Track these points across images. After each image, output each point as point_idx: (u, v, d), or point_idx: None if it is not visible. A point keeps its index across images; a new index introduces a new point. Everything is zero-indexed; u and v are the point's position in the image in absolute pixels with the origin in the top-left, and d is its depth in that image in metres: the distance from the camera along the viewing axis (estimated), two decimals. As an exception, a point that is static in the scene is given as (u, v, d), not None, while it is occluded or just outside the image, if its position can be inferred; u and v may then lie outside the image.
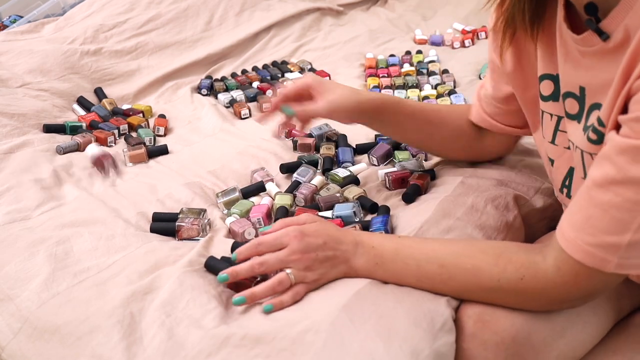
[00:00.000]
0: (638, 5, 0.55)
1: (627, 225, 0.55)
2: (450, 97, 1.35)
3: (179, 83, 1.53)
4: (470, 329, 0.66)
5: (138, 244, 0.83)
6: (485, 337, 0.65)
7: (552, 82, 0.72)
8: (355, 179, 1.02)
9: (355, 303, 0.66)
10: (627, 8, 0.56)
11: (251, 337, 0.64)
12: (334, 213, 0.91)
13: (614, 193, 0.56)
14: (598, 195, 0.57)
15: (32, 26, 1.65)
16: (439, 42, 1.76)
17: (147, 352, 0.66)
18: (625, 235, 0.56)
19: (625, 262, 0.57)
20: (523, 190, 0.92)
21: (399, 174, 0.98)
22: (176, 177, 1.07)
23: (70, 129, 1.25)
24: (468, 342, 0.66)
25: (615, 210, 0.56)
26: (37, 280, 0.77)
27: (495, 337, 0.65)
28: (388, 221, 0.85)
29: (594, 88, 0.63)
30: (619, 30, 0.57)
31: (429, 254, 0.69)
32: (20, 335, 0.72)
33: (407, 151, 1.08)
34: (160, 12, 1.69)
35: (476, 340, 0.66)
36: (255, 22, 1.81)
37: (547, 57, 0.71)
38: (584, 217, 0.59)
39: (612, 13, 0.57)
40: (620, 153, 0.55)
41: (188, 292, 0.72)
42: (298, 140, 1.15)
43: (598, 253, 0.58)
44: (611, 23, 0.58)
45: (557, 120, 0.73)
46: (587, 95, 0.65)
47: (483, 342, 0.65)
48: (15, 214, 0.92)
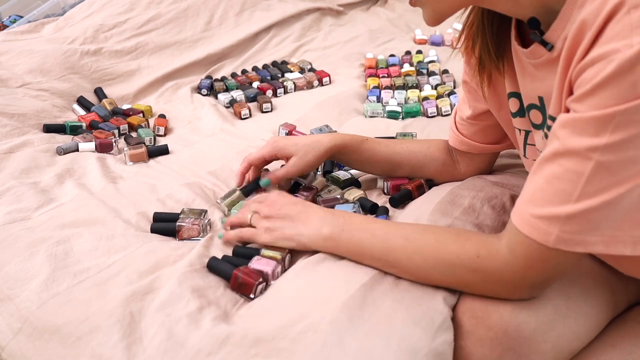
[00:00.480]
0: (573, 17, 0.60)
1: (568, 196, 0.58)
2: (449, 97, 1.35)
3: (179, 83, 1.54)
4: (466, 326, 0.67)
5: (138, 244, 0.84)
6: (480, 333, 0.66)
7: (516, 99, 0.78)
8: (355, 182, 1.02)
9: (354, 302, 0.66)
10: (564, 20, 0.62)
11: (251, 337, 0.64)
12: None
13: (557, 164, 0.59)
14: (545, 168, 0.60)
15: (32, 26, 1.65)
16: (439, 42, 1.77)
17: (147, 352, 0.66)
18: (565, 206, 0.58)
19: (564, 236, 0.59)
20: (519, 190, 0.92)
21: (398, 180, 0.98)
22: (176, 177, 1.07)
23: (70, 129, 1.25)
24: (465, 340, 0.66)
25: (557, 180, 0.58)
26: (37, 280, 0.77)
27: (490, 333, 0.65)
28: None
29: (550, 96, 0.66)
30: (560, 40, 0.63)
31: (398, 228, 0.73)
32: (20, 335, 0.72)
33: None
34: (160, 12, 1.70)
35: (473, 337, 0.66)
36: (255, 22, 1.81)
37: (511, 76, 0.78)
38: (532, 189, 0.62)
39: (552, 26, 0.63)
40: (562, 127, 0.59)
41: (188, 292, 0.72)
42: None
43: (541, 225, 0.60)
44: (553, 35, 0.64)
45: (525, 135, 0.78)
46: (546, 103, 0.69)
47: (479, 338, 0.66)
48: (15, 214, 0.92)
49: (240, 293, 0.75)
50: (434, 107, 1.31)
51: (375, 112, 1.31)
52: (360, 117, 1.32)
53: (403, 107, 1.32)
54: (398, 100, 1.38)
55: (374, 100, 1.39)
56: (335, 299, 0.67)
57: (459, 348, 0.66)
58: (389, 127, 1.23)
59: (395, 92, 1.40)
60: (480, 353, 0.65)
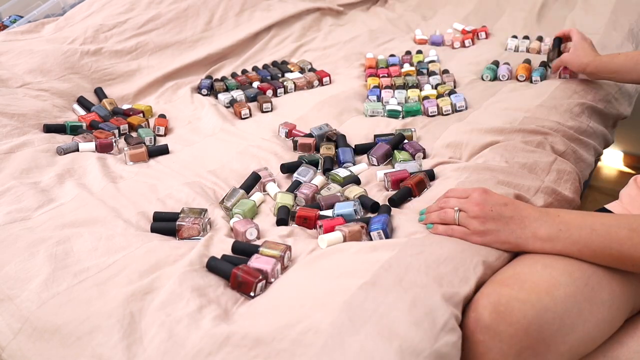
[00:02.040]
0: None
1: None
2: (450, 97, 1.35)
3: (179, 83, 1.54)
4: (486, 321, 0.66)
5: (138, 243, 0.83)
6: (500, 328, 0.65)
7: None
8: (356, 179, 1.02)
9: (355, 303, 0.66)
10: None
11: (251, 337, 0.64)
12: (334, 211, 0.91)
13: None
14: None
15: (32, 26, 1.64)
16: (439, 42, 1.76)
17: (147, 351, 0.66)
18: None
19: None
20: (523, 189, 0.93)
21: (398, 174, 0.98)
22: (176, 176, 1.07)
23: (71, 129, 1.25)
24: (484, 334, 0.66)
25: None
26: (37, 280, 0.77)
27: (510, 329, 0.65)
28: (388, 221, 0.85)
29: None
30: None
31: (619, 219, 0.72)
32: (20, 336, 0.72)
33: (407, 152, 1.08)
34: (160, 12, 1.69)
35: (491, 332, 0.66)
36: (255, 22, 1.81)
37: None
38: None
39: None
40: None
41: (188, 292, 0.72)
42: (298, 140, 1.15)
43: None
44: None
45: None
46: None
47: (498, 333, 0.65)
48: (16, 214, 0.92)
49: (240, 292, 0.75)
50: (434, 106, 1.30)
51: (375, 111, 1.31)
52: (361, 116, 1.32)
53: (403, 106, 1.32)
54: (398, 100, 1.38)
55: (374, 100, 1.39)
56: (335, 299, 0.67)
57: (476, 342, 0.66)
58: (389, 126, 1.23)
59: (396, 92, 1.40)
60: (499, 348, 0.65)
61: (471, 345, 0.66)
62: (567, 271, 0.70)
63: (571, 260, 0.72)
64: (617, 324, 0.73)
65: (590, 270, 0.72)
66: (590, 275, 0.71)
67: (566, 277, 0.69)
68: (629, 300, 0.74)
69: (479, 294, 0.69)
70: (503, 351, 0.65)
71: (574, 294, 0.68)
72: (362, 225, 0.84)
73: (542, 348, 0.65)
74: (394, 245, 0.77)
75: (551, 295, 0.67)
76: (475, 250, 0.76)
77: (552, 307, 0.66)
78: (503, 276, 0.72)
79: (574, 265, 0.72)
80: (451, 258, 0.74)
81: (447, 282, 0.70)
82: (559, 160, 1.02)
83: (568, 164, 1.04)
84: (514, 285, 0.68)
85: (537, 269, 0.71)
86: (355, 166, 1.07)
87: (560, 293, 0.68)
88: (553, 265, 0.72)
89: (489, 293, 0.68)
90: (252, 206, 0.95)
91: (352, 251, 0.78)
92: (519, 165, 0.99)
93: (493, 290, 0.68)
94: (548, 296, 0.67)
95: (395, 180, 0.97)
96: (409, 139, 1.15)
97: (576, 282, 0.69)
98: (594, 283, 0.70)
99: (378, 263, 0.72)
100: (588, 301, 0.69)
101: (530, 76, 1.42)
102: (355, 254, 0.77)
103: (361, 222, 0.85)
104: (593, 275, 0.71)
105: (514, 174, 0.96)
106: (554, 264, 0.72)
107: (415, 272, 0.71)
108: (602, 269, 0.72)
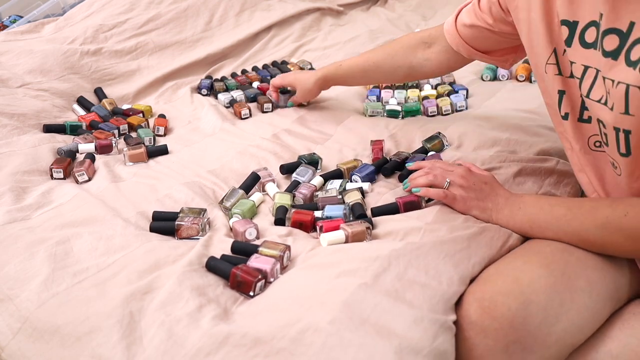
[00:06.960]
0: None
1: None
2: (450, 97, 1.35)
3: (179, 83, 1.54)
4: (472, 317, 0.67)
5: (137, 243, 0.83)
6: (485, 323, 0.66)
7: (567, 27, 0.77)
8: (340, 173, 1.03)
9: (355, 302, 0.66)
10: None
11: (250, 337, 0.64)
12: (323, 213, 0.91)
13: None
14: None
15: (32, 26, 1.65)
16: (439, 41, 1.76)
17: (147, 351, 0.66)
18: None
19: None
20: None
21: (408, 198, 0.92)
22: (176, 176, 1.07)
23: (71, 129, 1.25)
24: (470, 330, 0.66)
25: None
26: (36, 280, 0.77)
27: (495, 323, 0.66)
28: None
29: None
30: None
31: (562, 200, 0.81)
32: (20, 336, 0.72)
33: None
34: (160, 12, 1.70)
35: (477, 328, 0.66)
36: (255, 22, 1.81)
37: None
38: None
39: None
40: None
41: (187, 291, 0.72)
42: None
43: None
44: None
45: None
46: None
47: (484, 329, 0.66)
48: (15, 213, 0.92)
49: (239, 291, 0.75)
50: (434, 106, 1.30)
51: (375, 111, 1.31)
52: (360, 116, 1.31)
53: (403, 106, 1.32)
54: (398, 100, 1.38)
55: (373, 100, 1.39)
56: (334, 298, 0.67)
57: (464, 339, 0.67)
58: (388, 126, 1.23)
59: (395, 92, 1.40)
60: (484, 344, 0.66)
61: (459, 343, 0.67)
62: (544, 264, 0.73)
63: (546, 254, 0.75)
64: (603, 312, 0.74)
65: (564, 261, 0.74)
66: (565, 264, 0.73)
67: (544, 269, 0.71)
68: (609, 286, 0.75)
69: (466, 293, 0.70)
70: (489, 347, 0.65)
71: (553, 284, 0.70)
72: (367, 226, 0.84)
73: (529, 341, 0.66)
74: (394, 245, 0.77)
75: (532, 287, 0.69)
76: (473, 251, 0.77)
77: (535, 299, 0.67)
78: (487, 274, 0.73)
79: (549, 257, 0.74)
80: (450, 257, 0.74)
81: (446, 281, 0.70)
82: (561, 163, 1.02)
83: (569, 165, 1.03)
84: (497, 281, 0.70)
85: (517, 265, 0.73)
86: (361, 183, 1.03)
87: (541, 284, 0.69)
88: (532, 260, 0.74)
89: (474, 291, 0.70)
90: (252, 206, 0.95)
91: (352, 251, 0.78)
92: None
93: (478, 288, 0.70)
94: (529, 288, 0.68)
95: (405, 202, 0.92)
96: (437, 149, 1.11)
97: (554, 273, 0.71)
98: (570, 272, 0.72)
99: (377, 262, 0.72)
100: (568, 290, 0.70)
101: (530, 76, 1.42)
102: (354, 253, 0.77)
103: (366, 223, 0.85)
104: (568, 265, 0.73)
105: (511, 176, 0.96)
106: (532, 258, 0.74)
107: (414, 271, 0.71)
108: (575, 259, 0.75)
